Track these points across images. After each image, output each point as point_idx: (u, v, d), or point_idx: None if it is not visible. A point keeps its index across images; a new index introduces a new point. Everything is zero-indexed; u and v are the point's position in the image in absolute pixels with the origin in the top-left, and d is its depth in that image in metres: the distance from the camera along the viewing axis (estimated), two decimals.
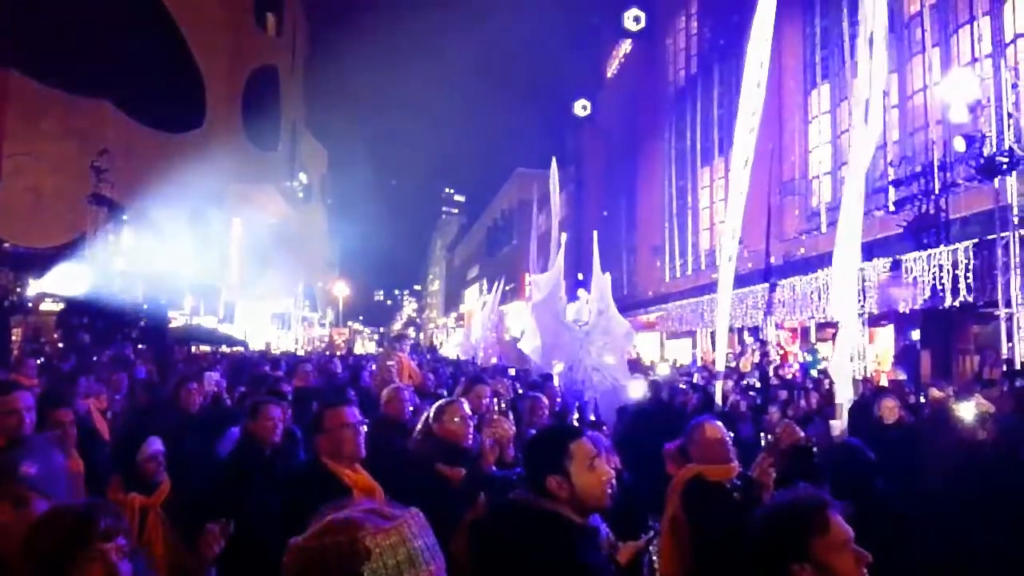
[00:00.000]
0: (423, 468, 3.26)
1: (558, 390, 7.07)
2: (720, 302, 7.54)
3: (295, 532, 1.11)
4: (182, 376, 6.01)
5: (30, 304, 18.20)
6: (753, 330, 17.10)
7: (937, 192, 11.50)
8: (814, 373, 11.46)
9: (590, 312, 8.87)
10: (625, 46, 32.72)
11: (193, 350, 20.61)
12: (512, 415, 4.48)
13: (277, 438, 3.72)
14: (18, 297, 17.53)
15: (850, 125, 8.80)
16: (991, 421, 4.89)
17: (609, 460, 2.94)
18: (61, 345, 15.33)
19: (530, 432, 4.02)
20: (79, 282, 18.23)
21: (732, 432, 3.69)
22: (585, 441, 2.09)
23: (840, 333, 5.37)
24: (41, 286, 18.55)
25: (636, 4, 29.73)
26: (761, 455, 3.33)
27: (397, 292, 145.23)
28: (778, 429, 4.21)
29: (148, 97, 24.13)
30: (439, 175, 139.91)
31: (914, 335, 12.56)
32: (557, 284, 9.39)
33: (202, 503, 3.04)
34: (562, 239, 12.33)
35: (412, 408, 4.49)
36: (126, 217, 21.31)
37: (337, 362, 11.37)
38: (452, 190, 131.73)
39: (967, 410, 4.92)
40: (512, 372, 11.58)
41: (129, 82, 22.83)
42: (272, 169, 34.10)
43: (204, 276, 26.53)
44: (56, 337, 16.75)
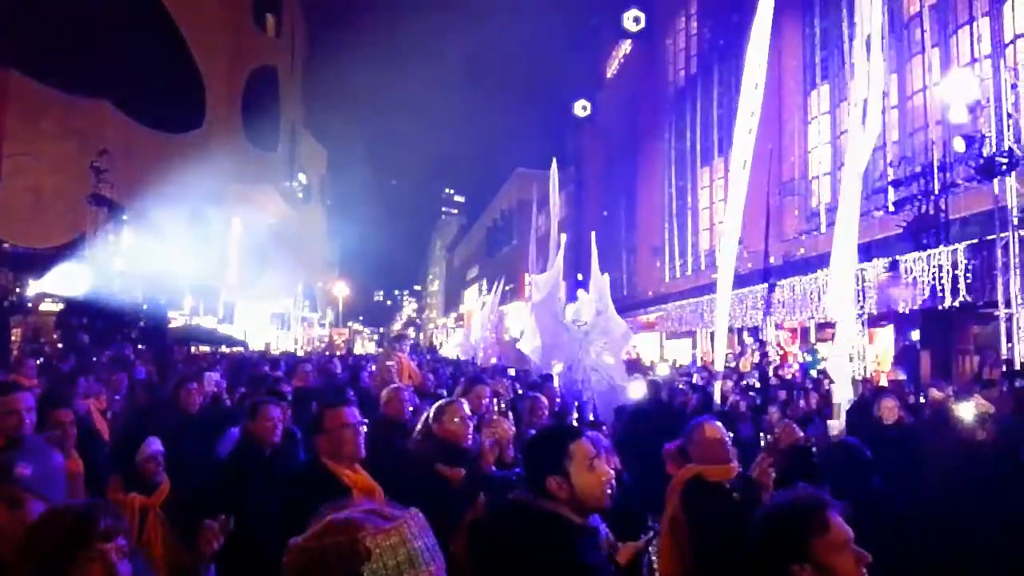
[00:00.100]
0: (423, 468, 3.26)
1: (558, 390, 7.07)
2: (719, 303, 7.55)
3: (295, 532, 1.11)
4: (182, 376, 6.01)
5: (30, 304, 18.20)
6: (753, 330, 17.11)
7: (937, 192, 11.51)
8: (814, 373, 11.47)
9: (589, 312, 8.87)
10: (625, 46, 32.72)
11: (193, 350, 20.61)
12: (512, 415, 4.48)
13: (277, 438, 3.71)
14: (18, 297, 17.52)
15: (848, 127, 8.79)
16: (991, 421, 4.89)
17: (609, 460, 2.94)
18: (61, 345, 15.34)
19: (530, 432, 4.01)
20: (79, 282, 18.22)
21: (731, 432, 3.70)
22: (585, 441, 2.09)
23: (837, 333, 5.38)
24: (41, 286, 18.54)
25: (636, 4, 29.74)
26: (761, 455, 3.33)
27: (397, 292, 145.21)
28: (777, 429, 4.22)
29: (148, 97, 24.15)
30: (439, 175, 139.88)
31: (914, 335, 12.57)
32: (556, 284, 9.41)
33: (201, 503, 3.04)
34: (561, 239, 12.35)
35: (412, 408, 4.49)
36: (126, 217, 21.31)
37: (337, 362, 11.37)
38: (452, 190, 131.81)
39: (967, 410, 4.92)
40: (512, 372, 11.58)
41: (129, 82, 22.85)
42: (271, 169, 34.12)
43: (204, 276, 26.50)
44: (56, 337, 16.76)
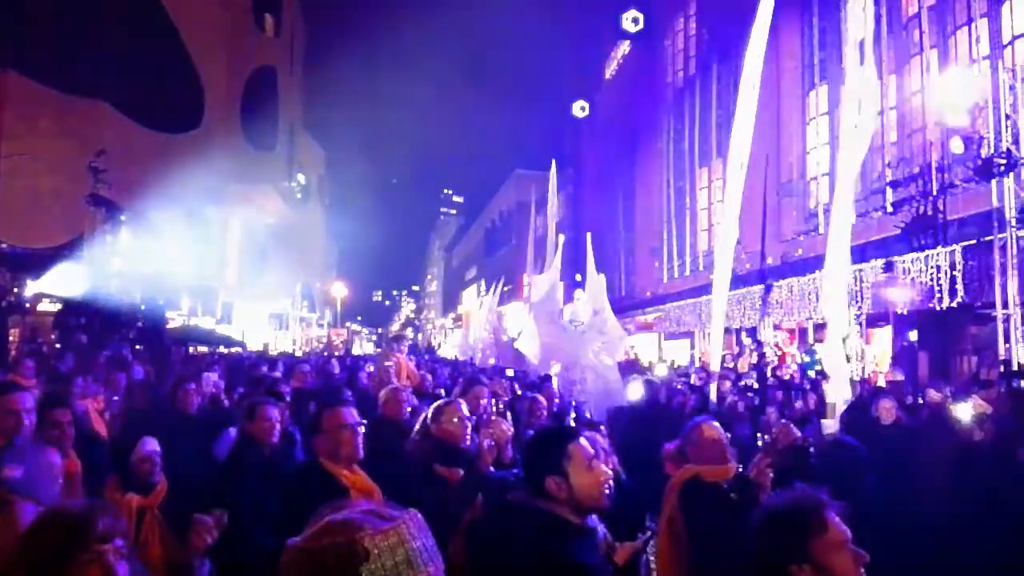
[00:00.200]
0: (421, 469, 3.26)
1: (556, 391, 7.07)
2: (715, 303, 7.57)
3: (293, 533, 1.11)
4: (180, 377, 5.98)
5: (28, 304, 18.17)
6: (751, 331, 17.12)
7: (935, 193, 11.51)
8: (812, 374, 11.48)
9: (585, 312, 8.89)
10: (623, 47, 32.73)
11: (191, 351, 20.59)
12: (510, 416, 4.48)
13: (275, 439, 3.71)
14: (16, 297, 17.49)
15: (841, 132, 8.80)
16: (988, 422, 4.90)
17: (607, 461, 2.95)
18: (59, 345, 15.27)
19: (528, 433, 4.01)
20: (77, 283, 18.16)
21: (729, 432, 3.70)
22: (583, 442, 2.10)
23: (829, 332, 5.39)
24: (39, 286, 18.52)
25: (634, 5, 29.78)
26: (758, 456, 3.33)
27: (395, 293, 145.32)
28: (775, 429, 4.22)
29: (146, 98, 24.12)
30: (437, 176, 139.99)
31: (912, 336, 12.56)
32: (554, 285, 9.43)
33: (199, 504, 3.03)
34: (560, 240, 12.37)
35: (410, 409, 4.48)
36: (124, 218, 21.20)
37: (335, 363, 11.36)
38: (450, 191, 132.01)
39: (964, 411, 4.93)
40: (510, 373, 11.57)
41: (127, 83, 22.82)
42: (270, 170, 34.10)
43: (202, 277, 26.49)
44: (53, 338, 16.70)
